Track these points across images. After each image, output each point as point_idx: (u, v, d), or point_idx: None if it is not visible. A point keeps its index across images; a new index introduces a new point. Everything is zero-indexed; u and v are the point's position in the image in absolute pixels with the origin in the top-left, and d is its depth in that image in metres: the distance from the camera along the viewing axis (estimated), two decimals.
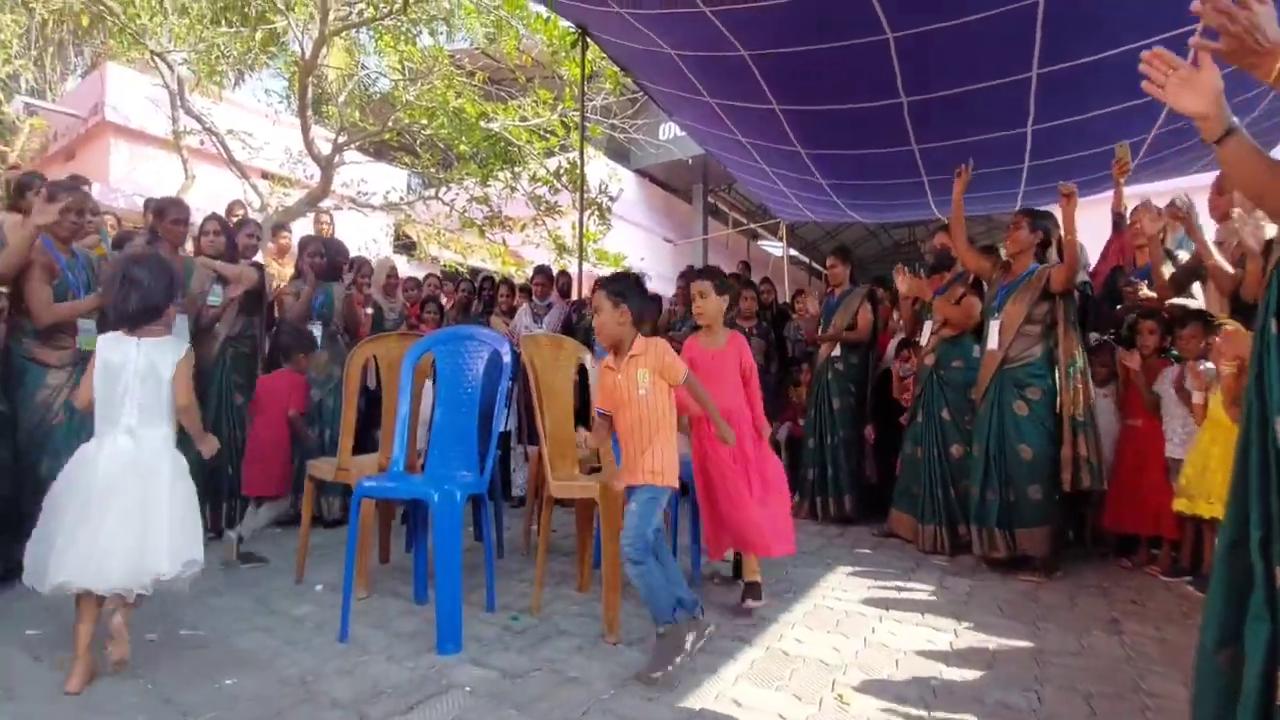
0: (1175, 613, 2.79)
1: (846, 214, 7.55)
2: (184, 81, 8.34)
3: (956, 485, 3.73)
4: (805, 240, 14.53)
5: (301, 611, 2.63)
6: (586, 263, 7.00)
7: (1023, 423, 3.29)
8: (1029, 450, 3.26)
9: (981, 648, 2.42)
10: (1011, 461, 3.28)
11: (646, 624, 2.56)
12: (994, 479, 3.31)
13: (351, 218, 9.28)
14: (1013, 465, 3.28)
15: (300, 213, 7.79)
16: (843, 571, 3.35)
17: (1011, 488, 3.27)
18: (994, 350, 3.40)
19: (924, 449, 3.88)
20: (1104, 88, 4.27)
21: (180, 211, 3.61)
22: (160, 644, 2.31)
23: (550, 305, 5.31)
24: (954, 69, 4.29)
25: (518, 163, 8.74)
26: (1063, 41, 3.90)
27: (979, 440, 3.41)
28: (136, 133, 10.66)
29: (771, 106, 5.05)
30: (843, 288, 4.65)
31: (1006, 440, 3.30)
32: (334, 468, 3.06)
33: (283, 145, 9.19)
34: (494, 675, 2.12)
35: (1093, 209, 5.26)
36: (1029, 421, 3.28)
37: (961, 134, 5.02)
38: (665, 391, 2.29)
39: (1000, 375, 3.37)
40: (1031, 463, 3.25)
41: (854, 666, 2.25)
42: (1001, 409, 3.33)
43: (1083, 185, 5.82)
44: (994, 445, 3.33)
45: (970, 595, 3.02)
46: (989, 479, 3.33)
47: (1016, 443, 3.28)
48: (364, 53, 9.88)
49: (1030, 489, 3.24)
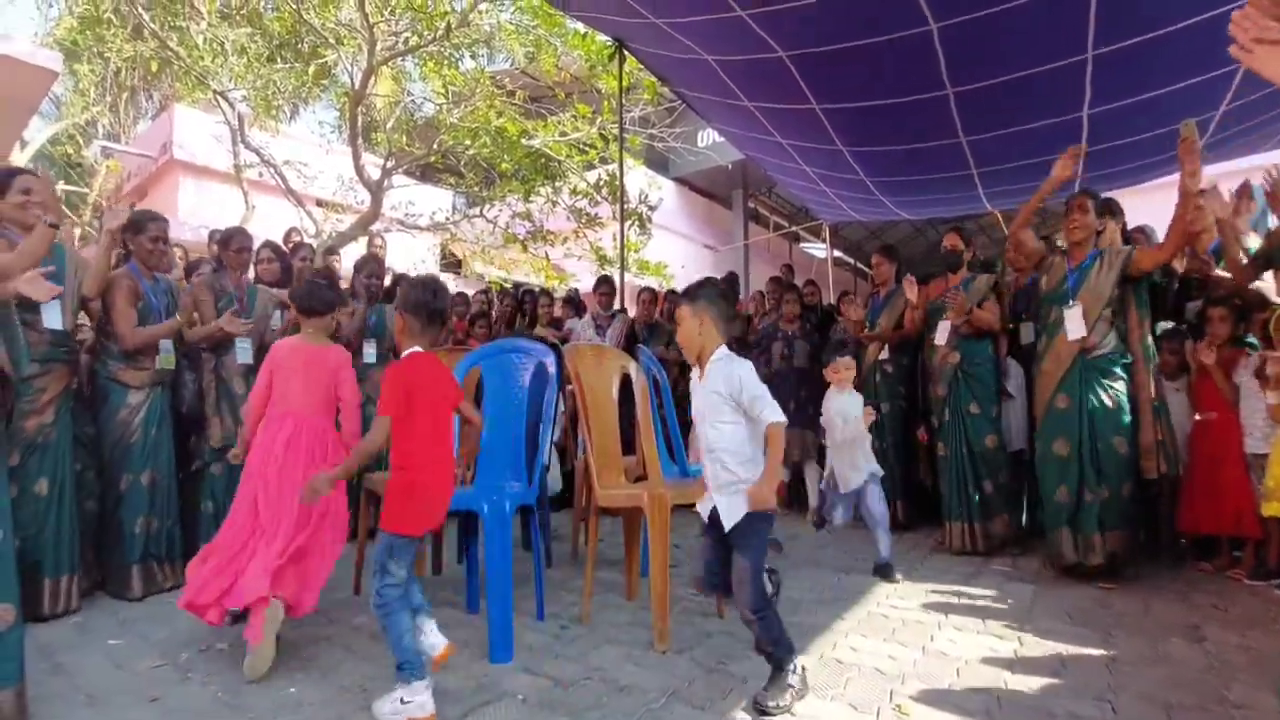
0: (1262, 618, 2.60)
1: (892, 211, 7.38)
2: (244, 118, 8.79)
3: (993, 479, 3.67)
4: (849, 241, 14.28)
5: (359, 621, 2.71)
6: (628, 273, 7.03)
7: (1114, 415, 3.10)
8: (1125, 443, 3.08)
9: (1049, 656, 2.31)
10: (1107, 457, 3.08)
11: (696, 632, 2.55)
12: (1090, 478, 3.10)
13: (400, 239, 9.58)
14: (1108, 461, 3.08)
15: (353, 236, 8.08)
16: (897, 577, 3.25)
17: (1107, 485, 3.07)
18: (1074, 340, 3.19)
19: (949, 446, 3.80)
20: (1167, 64, 4.06)
21: (244, 240, 3.78)
22: (229, 652, 2.41)
23: (615, 315, 5.36)
24: (1002, 56, 4.15)
25: (558, 177, 8.88)
26: (1119, 18, 3.73)
27: (1065, 437, 3.17)
28: (202, 169, 11.29)
29: (811, 106, 5.00)
30: (889, 286, 4.55)
31: (1099, 435, 3.10)
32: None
33: (335, 173, 9.57)
34: (546, 684, 2.13)
35: (1157, 194, 5.03)
36: (1120, 413, 3.10)
37: (1012, 122, 4.86)
38: None
39: (1082, 366, 3.18)
40: (1128, 457, 3.08)
41: (912, 676, 2.18)
42: (1088, 402, 3.14)
43: (1147, 169, 5.60)
44: (1086, 442, 3.11)
45: (1035, 601, 2.89)
46: (1085, 478, 3.11)
47: (1111, 436, 3.08)
48: (409, 79, 10.22)
49: (1124, 485, 3.07)
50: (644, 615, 2.62)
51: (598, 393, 3.06)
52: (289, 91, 9.39)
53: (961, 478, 3.72)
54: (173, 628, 2.63)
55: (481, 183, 9.28)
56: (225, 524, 2.44)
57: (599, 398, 3.06)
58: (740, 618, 2.01)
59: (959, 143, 5.28)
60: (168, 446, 3.23)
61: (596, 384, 3.08)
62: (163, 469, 3.17)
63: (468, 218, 9.49)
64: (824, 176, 6.54)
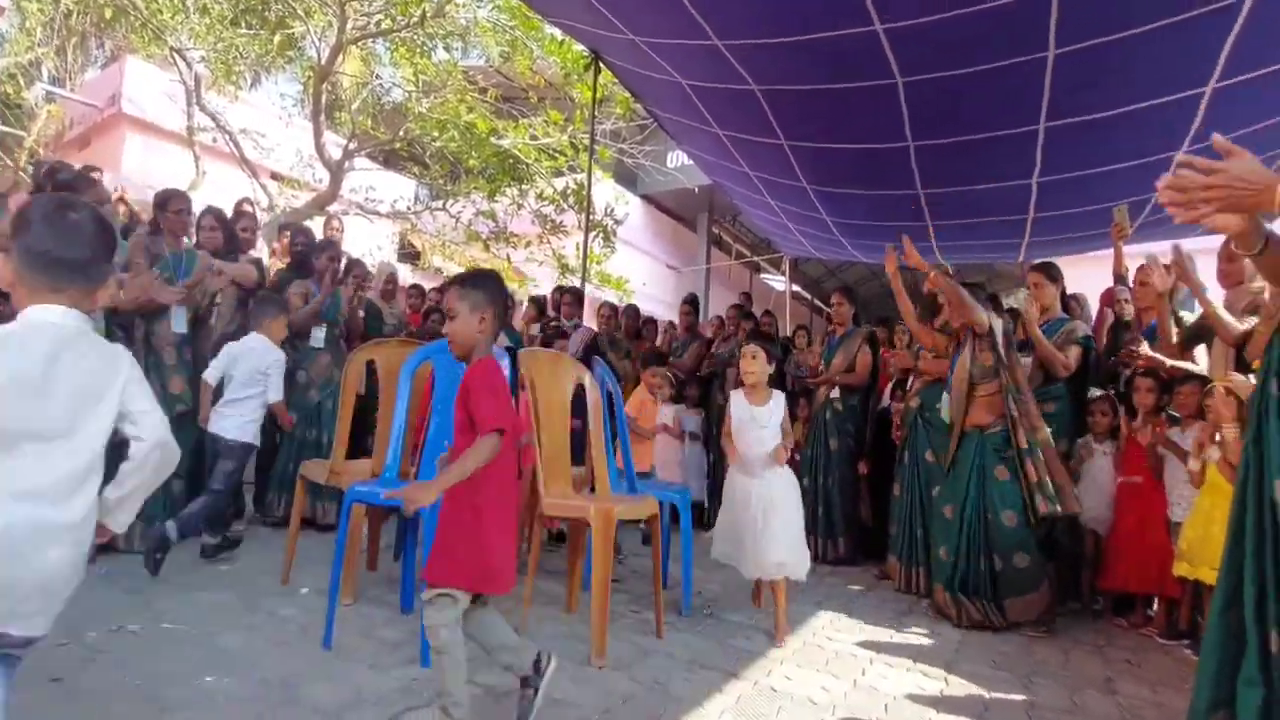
0: (1172, 675, 2.75)
1: (850, 253, 7.61)
2: (201, 79, 8.41)
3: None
4: (808, 277, 14.63)
5: (286, 614, 2.57)
6: (589, 284, 7.02)
7: (1004, 488, 3.20)
8: (1014, 517, 3.16)
9: (973, 698, 2.38)
10: (996, 529, 3.16)
11: (635, 650, 2.53)
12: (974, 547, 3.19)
13: (358, 224, 9.31)
14: (997, 533, 3.16)
15: (308, 215, 7.82)
16: (835, 611, 3.31)
17: (999, 555, 3.14)
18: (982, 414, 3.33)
19: (904, 490, 3.89)
20: (1111, 145, 4.34)
21: (182, 203, 3.60)
22: (141, 636, 2.25)
23: (578, 325, 5.32)
24: (962, 116, 4.35)
25: (525, 180, 8.82)
26: (1071, 96, 3.96)
27: (953, 504, 3.30)
28: (151, 126, 10.74)
29: (780, 142, 5.11)
30: (845, 327, 4.67)
31: (990, 508, 3.19)
32: (326, 470, 3.02)
33: (294, 148, 9.25)
34: (478, 692, 2.06)
35: (1095, 265, 5.35)
36: (1010, 487, 3.19)
37: (969, 181, 5.08)
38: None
39: (979, 439, 3.30)
40: (1015, 530, 3.15)
41: (842, 708, 2.21)
42: (982, 475, 3.25)
43: (1086, 240, 5.94)
44: (973, 511, 3.21)
45: (963, 644, 2.97)
46: (967, 547, 3.20)
47: (1000, 510, 3.18)
48: (379, 62, 10.00)
49: (1015, 556, 3.13)
50: (583, 629, 2.57)
51: (550, 401, 3.02)
52: (251, 58, 9.06)
53: (911, 520, 3.81)
54: (82, 605, 2.42)
55: (447, 176, 9.14)
56: None
57: (551, 406, 3.02)
58: None
59: (917, 194, 5.48)
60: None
61: (550, 392, 3.04)
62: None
63: (430, 210, 9.33)
64: (787, 211, 6.69)
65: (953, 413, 3.40)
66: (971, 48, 3.60)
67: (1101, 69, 3.63)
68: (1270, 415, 1.34)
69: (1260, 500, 1.33)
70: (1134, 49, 3.37)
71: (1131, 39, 3.29)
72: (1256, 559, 1.32)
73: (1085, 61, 3.56)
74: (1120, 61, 3.54)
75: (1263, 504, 1.32)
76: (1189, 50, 3.34)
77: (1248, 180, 1.26)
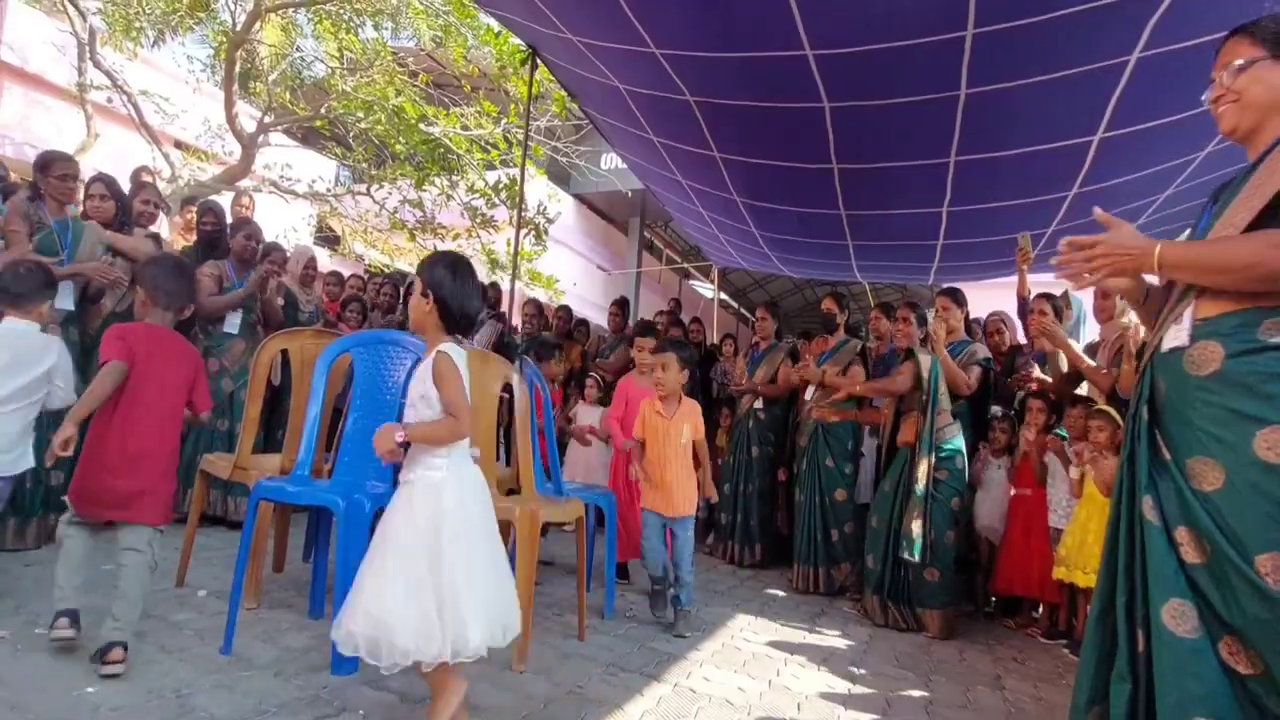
0: (1052, 673, 2.98)
1: (776, 266, 7.83)
2: (96, 32, 7.70)
3: (836, 528, 3.98)
4: (736, 286, 14.97)
5: (181, 618, 2.40)
6: (519, 281, 6.91)
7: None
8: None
9: (877, 696, 2.51)
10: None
11: (555, 654, 2.51)
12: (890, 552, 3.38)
13: (272, 202, 8.78)
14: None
15: (215, 189, 7.31)
16: (752, 614, 3.40)
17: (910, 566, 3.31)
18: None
19: (805, 495, 4.09)
20: (1013, 180, 4.67)
21: (68, 167, 3.28)
22: (13, 641, 2.04)
23: (483, 320, 5.20)
24: (882, 143, 4.56)
25: (456, 171, 8.58)
26: (978, 133, 4.25)
27: (880, 514, 3.50)
28: (34, 78, 9.70)
29: (713, 154, 5.20)
30: (769, 341, 4.82)
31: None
32: (230, 465, 2.83)
33: (202, 116, 8.63)
34: (392, 699, 2.00)
35: (999, 290, 5.75)
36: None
37: (886, 205, 5.33)
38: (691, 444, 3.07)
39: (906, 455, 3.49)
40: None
41: (758, 708, 2.28)
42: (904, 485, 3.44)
43: (989, 268, 6.37)
44: (896, 521, 3.39)
45: (869, 644, 3.13)
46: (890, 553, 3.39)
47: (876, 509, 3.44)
48: (301, 34, 9.48)
49: (927, 570, 3.30)
50: None
51: (477, 399, 2.96)
52: (156, 15, 8.38)
53: (812, 524, 4.00)
54: None
55: (371, 160, 8.77)
56: None
57: (478, 404, 2.95)
58: None
59: (839, 214, 5.71)
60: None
61: (477, 389, 2.97)
62: None
63: (352, 193, 8.91)
64: (718, 222, 6.82)
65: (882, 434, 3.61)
66: (893, 80, 3.78)
67: (1006, 112, 3.92)
68: (1141, 438, 1.49)
69: (1132, 515, 1.47)
70: (1033, 96, 3.65)
71: (1034, 86, 3.57)
72: (1128, 566, 1.46)
73: (991, 103, 3.83)
74: (1021, 106, 3.84)
75: (1134, 519, 1.46)
76: (1079, 101, 3.66)
77: (1128, 247, 1.44)
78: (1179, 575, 1.34)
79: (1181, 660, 1.29)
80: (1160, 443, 1.45)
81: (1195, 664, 1.28)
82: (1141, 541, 1.43)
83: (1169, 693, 1.30)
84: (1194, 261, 1.41)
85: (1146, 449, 1.47)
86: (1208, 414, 1.35)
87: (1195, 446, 1.36)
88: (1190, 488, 1.35)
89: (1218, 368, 1.35)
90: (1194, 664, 1.28)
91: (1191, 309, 1.43)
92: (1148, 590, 1.39)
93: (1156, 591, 1.36)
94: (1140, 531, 1.44)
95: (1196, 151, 3.95)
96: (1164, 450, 1.43)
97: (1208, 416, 1.35)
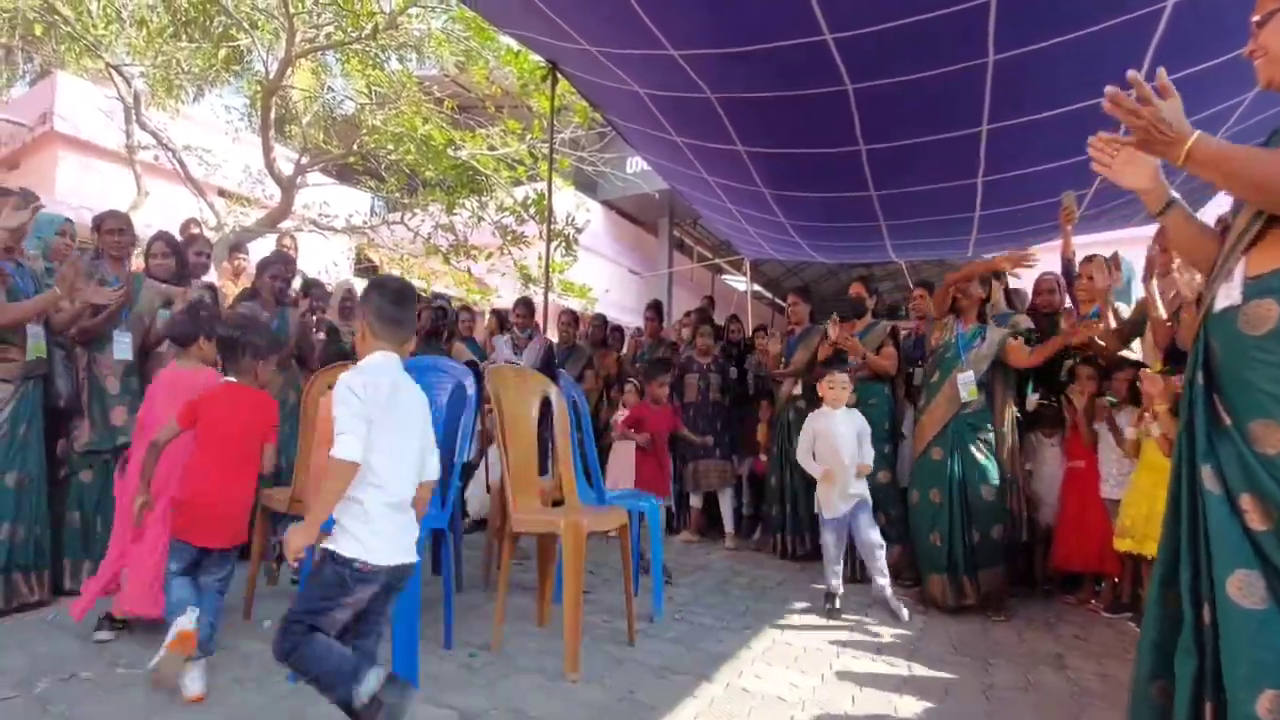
0: (1116, 647, 2.89)
1: (807, 253, 7.75)
2: (140, 95, 8.16)
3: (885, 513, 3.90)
4: (768, 276, 14.83)
5: (250, 649, 2.53)
6: (552, 293, 7.02)
7: (983, 467, 3.39)
8: (992, 491, 3.36)
9: (935, 682, 2.47)
10: (976, 504, 3.35)
11: (607, 660, 2.56)
12: (961, 524, 3.36)
13: (313, 240, 9.13)
14: (977, 508, 3.35)
15: (259, 233, 7.64)
16: (801, 607, 3.39)
17: (978, 529, 3.34)
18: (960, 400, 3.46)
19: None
20: (1049, 143, 4.52)
21: (119, 222, 3.47)
22: (97, 682, 2.19)
23: (531, 335, 5.31)
24: (909, 120, 4.48)
25: (485, 191, 8.75)
26: (1010, 99, 4.13)
27: (939, 487, 3.44)
28: (87, 145, 10.35)
29: (737, 148, 5.19)
30: (803, 325, 4.77)
31: (970, 485, 3.37)
32: (289, 498, 2.97)
33: (242, 163, 9.03)
34: (451, 715, 2.07)
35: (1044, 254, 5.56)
36: (989, 465, 3.40)
37: (916, 182, 5.23)
38: None
39: (956, 422, 3.47)
40: (995, 504, 3.36)
41: (812, 703, 2.27)
42: (961, 455, 3.42)
43: (1032, 234, 6.17)
44: (957, 490, 3.38)
45: (924, 632, 3.08)
46: (954, 524, 3.36)
47: (980, 485, 3.36)
48: (330, 74, 9.82)
49: (994, 529, 3.34)
50: (555, 643, 2.59)
51: (517, 415, 3.04)
52: (194, 72, 8.81)
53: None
54: (32, 652, 2.37)
55: (403, 189, 9.02)
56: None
57: (518, 420, 3.03)
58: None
59: (869, 196, 5.62)
60: (37, 447, 2.93)
61: (516, 406, 3.05)
62: (32, 471, 2.86)
63: (387, 223, 9.18)
64: (746, 215, 6.80)
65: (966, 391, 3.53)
66: (917, 54, 3.72)
67: (1038, 74, 3.80)
68: (1198, 405, 1.43)
69: (1192, 485, 1.43)
70: (1065, 54, 3.53)
71: (1065, 44, 3.45)
72: (1191, 540, 1.41)
73: (1022, 67, 3.72)
74: (1053, 67, 3.71)
75: (1195, 490, 1.42)
76: (1112, 55, 3.52)
77: (1169, 124, 1.35)
78: (1243, 544, 1.30)
79: (1251, 633, 1.25)
80: (1219, 408, 1.40)
81: (1266, 635, 1.24)
82: (1203, 513, 1.39)
83: (1239, 665, 1.26)
84: (1226, 162, 1.33)
85: (1204, 415, 1.42)
86: (1267, 374, 1.30)
87: (1256, 409, 1.31)
88: (1253, 451, 1.30)
89: (1274, 326, 1.30)
90: (1264, 635, 1.24)
91: (1242, 265, 1.38)
92: (1211, 562, 1.34)
93: (1221, 564, 1.32)
94: (1201, 502, 1.39)
95: (1246, 93, 3.76)
96: (1223, 416, 1.38)
97: (1267, 376, 1.30)
